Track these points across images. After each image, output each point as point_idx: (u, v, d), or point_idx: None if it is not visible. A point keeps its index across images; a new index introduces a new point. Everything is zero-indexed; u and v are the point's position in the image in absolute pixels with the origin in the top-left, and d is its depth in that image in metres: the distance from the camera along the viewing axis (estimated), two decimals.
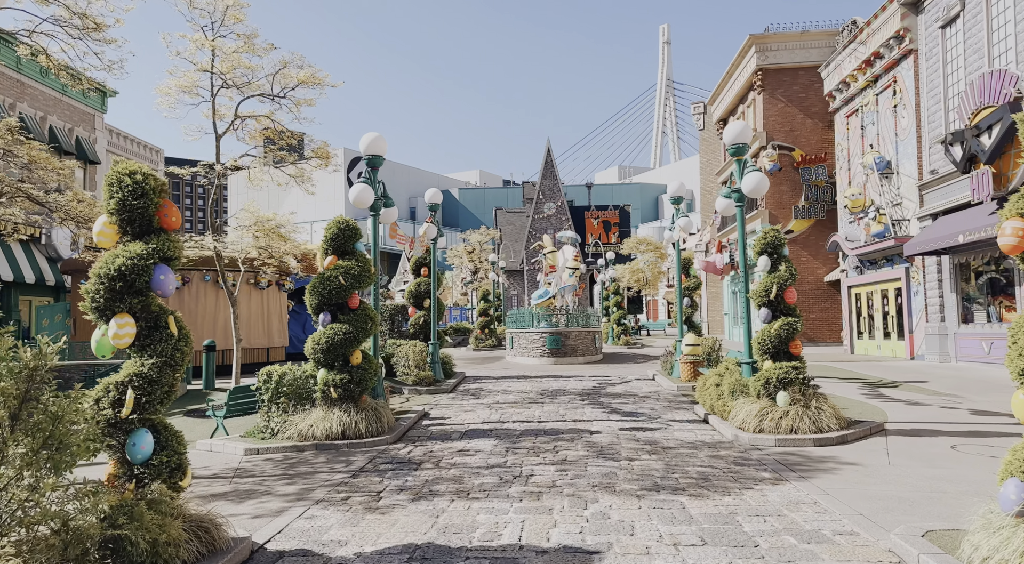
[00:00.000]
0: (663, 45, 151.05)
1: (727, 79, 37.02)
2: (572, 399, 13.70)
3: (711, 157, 45.29)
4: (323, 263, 10.19)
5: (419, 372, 15.60)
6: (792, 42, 31.67)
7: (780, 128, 32.01)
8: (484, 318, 33.98)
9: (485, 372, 19.38)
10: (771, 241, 10.23)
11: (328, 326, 9.94)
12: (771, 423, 9.45)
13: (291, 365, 10.36)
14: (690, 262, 17.77)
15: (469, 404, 13.35)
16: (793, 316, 10.02)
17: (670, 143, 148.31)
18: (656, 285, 58.82)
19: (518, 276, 58.69)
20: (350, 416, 9.65)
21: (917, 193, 21.86)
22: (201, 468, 8.57)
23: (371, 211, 11.28)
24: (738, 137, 11.03)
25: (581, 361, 22.17)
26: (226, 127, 13.36)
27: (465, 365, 21.85)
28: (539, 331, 22.24)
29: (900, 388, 14.91)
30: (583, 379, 17.16)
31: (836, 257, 31.17)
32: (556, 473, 7.67)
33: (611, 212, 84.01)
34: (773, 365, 9.85)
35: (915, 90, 22.01)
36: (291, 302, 27.86)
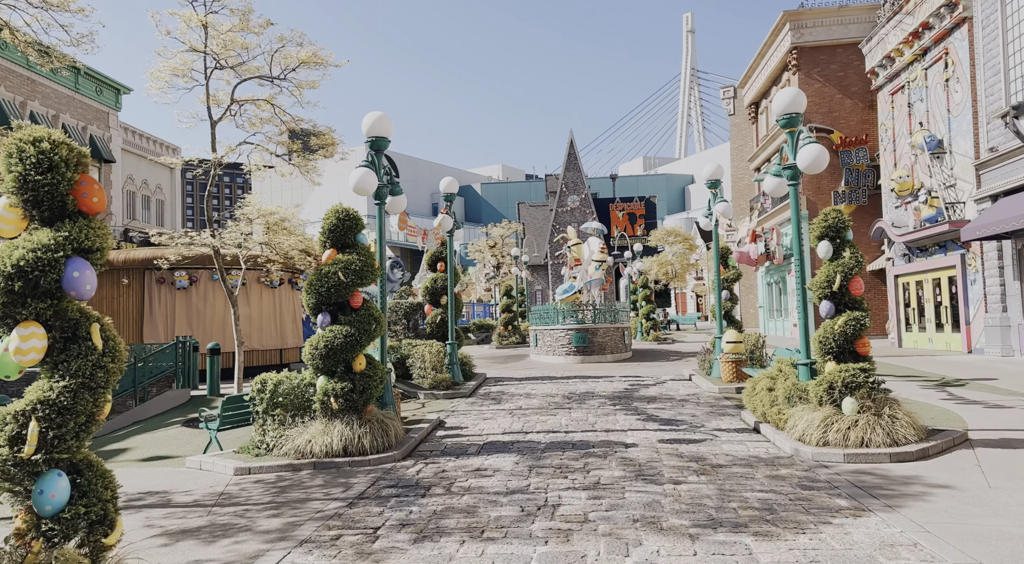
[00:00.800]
0: (687, 34, 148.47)
1: (759, 60, 35.29)
2: (602, 404, 12.45)
3: (742, 143, 43.52)
4: (322, 258, 9.08)
5: (436, 375, 14.47)
6: (829, 18, 29.90)
7: (817, 110, 30.27)
8: (507, 315, 32.80)
9: (507, 373, 18.20)
10: (833, 223, 8.87)
11: (327, 328, 8.83)
12: (837, 435, 8.12)
13: (287, 372, 9.27)
14: (728, 252, 16.37)
15: (489, 410, 12.18)
16: (860, 310, 8.66)
17: (695, 133, 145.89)
18: (684, 278, 57.15)
19: (542, 271, 57.40)
20: (352, 430, 8.53)
21: (973, 173, 20.15)
22: (182, 492, 7.51)
23: (375, 199, 10.14)
24: (790, 106, 9.67)
25: (609, 359, 20.89)
26: (222, 112, 12.33)
27: (487, 365, 20.70)
28: (564, 328, 20.99)
29: (968, 387, 13.41)
30: (613, 380, 15.89)
31: (880, 245, 29.40)
32: (588, 502, 6.45)
33: (636, 204, 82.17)
34: (837, 367, 8.51)
35: (970, 61, 20.27)
36: None
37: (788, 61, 31.07)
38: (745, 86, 39.09)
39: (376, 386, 8.89)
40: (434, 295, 16.22)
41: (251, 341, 18.72)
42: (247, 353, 18.72)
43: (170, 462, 9.50)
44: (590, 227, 23.90)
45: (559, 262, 53.26)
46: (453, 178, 15.21)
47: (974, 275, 20.56)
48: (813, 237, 9.12)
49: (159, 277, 17.98)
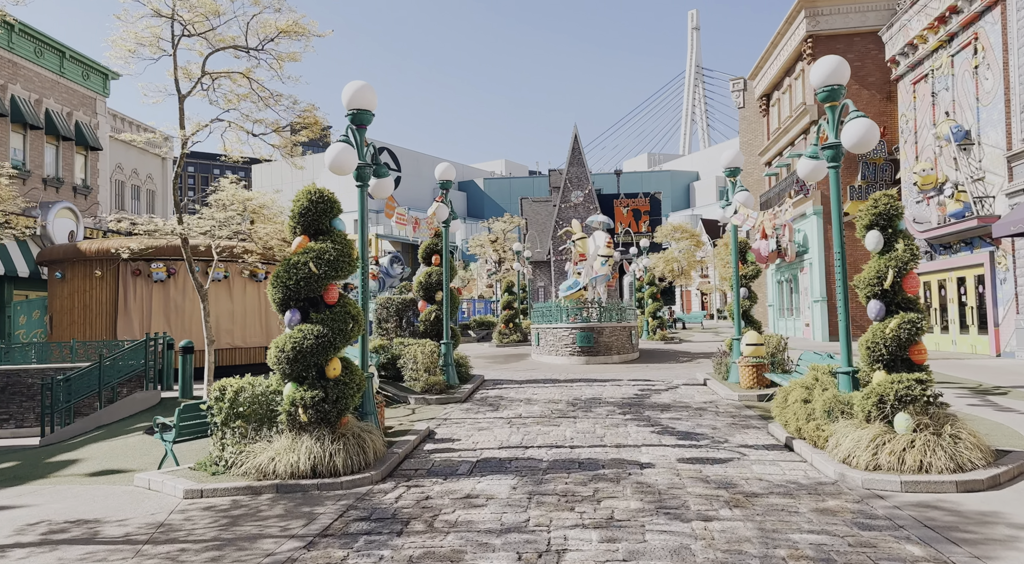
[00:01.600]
0: (692, 31, 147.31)
1: (771, 49, 34.00)
2: (611, 412, 11.24)
3: (752, 137, 42.22)
4: (291, 246, 7.89)
5: (429, 377, 13.28)
6: (846, 5, 28.59)
7: None
8: (508, 312, 31.59)
9: (507, 374, 17.00)
10: (885, 210, 7.65)
11: (296, 328, 7.63)
12: (891, 457, 6.90)
13: (251, 378, 8.07)
14: (748, 246, 15.14)
15: (485, 419, 10.98)
16: (915, 311, 7.44)
17: (699, 130, 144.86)
18: (690, 275, 55.91)
19: (545, 267, 56.18)
20: (323, 446, 7.33)
21: (1005, 165, 18.89)
22: (115, 522, 6.33)
23: (357, 181, 8.93)
24: (831, 77, 8.45)
25: (616, 360, 19.68)
26: (192, 86, 11.13)
27: (485, 365, 19.49)
28: (568, 327, 19.78)
29: (1011, 396, 12.21)
30: (621, 384, 14.69)
31: None
32: (601, 547, 5.25)
33: (641, 200, 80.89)
34: (889, 377, 7.29)
35: (1002, 46, 18.99)
36: None
37: (803, 50, 29.78)
38: (756, 77, 37.79)
39: (353, 394, 7.69)
40: (428, 290, 15.01)
41: (234, 338, 17.56)
42: (229, 352, 17.57)
43: (119, 478, 8.32)
44: (595, 221, 22.68)
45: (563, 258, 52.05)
46: (449, 164, 14.00)
47: (1004, 274, 19.32)
48: (860, 226, 7.90)
49: (135, 269, 16.79)
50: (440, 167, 13.92)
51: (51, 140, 28.19)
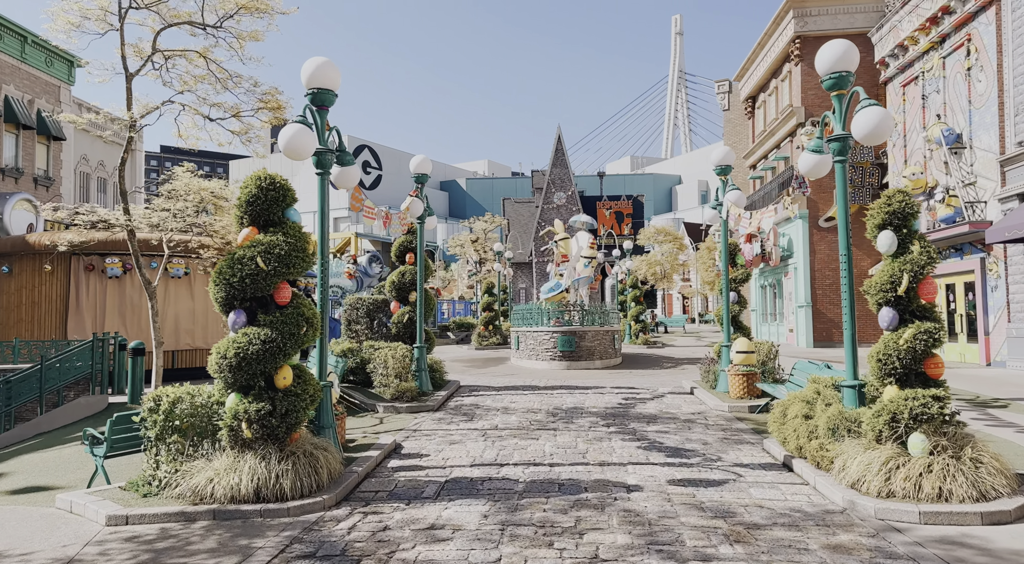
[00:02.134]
0: (675, 36, 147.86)
1: (758, 51, 33.55)
2: (593, 424, 10.46)
3: (737, 140, 41.80)
4: (238, 238, 7.02)
5: (399, 383, 12.41)
6: (835, 6, 28.17)
7: (820, 103, 28.53)
8: (488, 314, 30.78)
9: (484, 380, 16.18)
10: (898, 209, 6.95)
11: (240, 331, 6.75)
12: (906, 483, 6.19)
13: (191, 386, 7.17)
14: (738, 249, 14.46)
15: (458, 430, 10.15)
16: (932, 320, 6.74)
17: (682, 135, 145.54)
18: (672, 278, 55.44)
19: (526, 269, 55.43)
20: (269, 466, 6.46)
21: (998, 170, 18.45)
22: (18, 558, 5.41)
23: (317, 169, 8.06)
24: (839, 62, 7.77)
25: (598, 366, 18.93)
26: (142, 64, 10.18)
27: (462, 370, 18.65)
28: (549, 330, 19.00)
29: (1012, 409, 11.63)
30: (603, 391, 13.92)
31: None
32: None
33: (624, 202, 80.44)
34: (902, 393, 6.58)
35: (997, 48, 18.56)
36: None
37: (790, 51, 29.32)
38: (742, 79, 37.35)
39: (305, 407, 6.82)
40: (401, 291, 14.14)
41: (194, 339, 16.54)
42: (189, 353, 16.56)
43: (42, 498, 7.38)
44: (579, 221, 21.93)
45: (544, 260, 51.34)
46: (425, 157, 13.15)
47: (995, 281, 18.88)
48: (872, 226, 7.19)
49: (87, 264, 15.73)
50: (416, 160, 13.07)
51: (10, 128, 26.86)
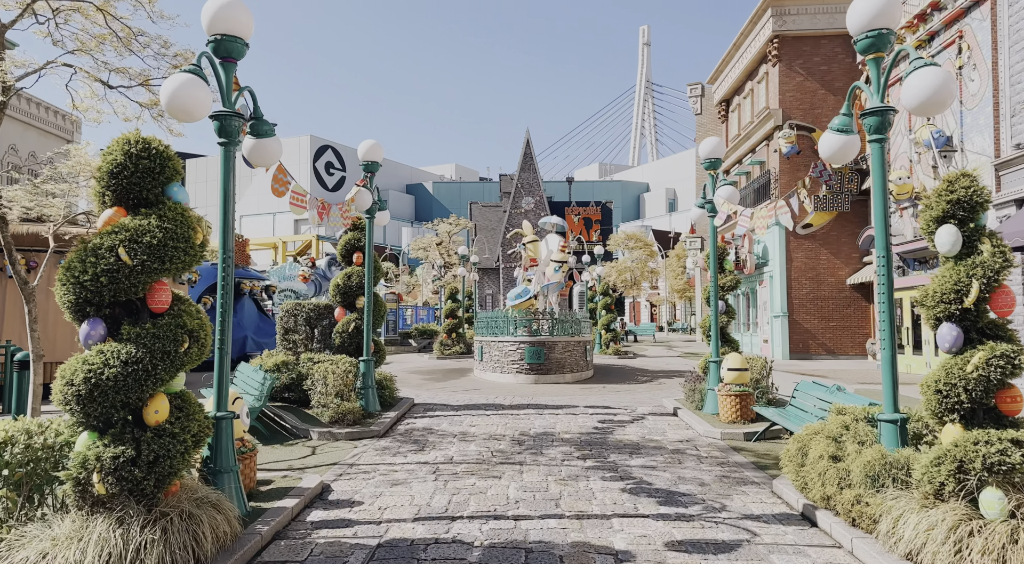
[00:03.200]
0: (643, 46, 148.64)
1: (733, 52, 32.54)
2: (567, 455, 8.84)
3: None
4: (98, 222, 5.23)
5: (341, 403, 10.62)
6: (815, 5, 27.23)
7: (798, 105, 27.56)
8: (451, 321, 29.02)
9: (443, 396, 14.44)
10: (964, 197, 5.47)
11: (95, 347, 4.97)
12: (986, 558, 4.67)
13: (29, 421, 5.33)
14: (725, 253, 13.00)
15: (404, 465, 8.42)
16: (1008, 340, 5.27)
17: (648, 144, 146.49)
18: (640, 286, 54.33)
19: (493, 274, 53.75)
20: (128, 534, 4.67)
21: (992, 174, 17.41)
22: None
23: (221, 138, 6.28)
24: (877, 19, 6.32)
25: (569, 380, 17.35)
26: (19, 13, 8.27)
27: (419, 383, 16.88)
28: (516, 340, 17.35)
29: None
30: (576, 412, 12.31)
31: (862, 256, 26.82)
32: None
33: (593, 208, 79.42)
34: (969, 435, 5.09)
35: (992, 45, 17.56)
36: (210, 298, 22.70)
37: (768, 51, 28.30)
38: (716, 82, 36.35)
39: (184, 452, 5.04)
40: (347, 296, 12.35)
41: None
42: None
43: None
44: (548, 222, 20.38)
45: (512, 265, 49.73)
46: (375, 142, 11.43)
47: None
48: (926, 220, 5.71)
49: None
50: (365, 145, 11.34)
51: None
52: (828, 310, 27.13)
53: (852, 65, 27.22)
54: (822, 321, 27.12)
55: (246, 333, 22.22)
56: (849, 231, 27.17)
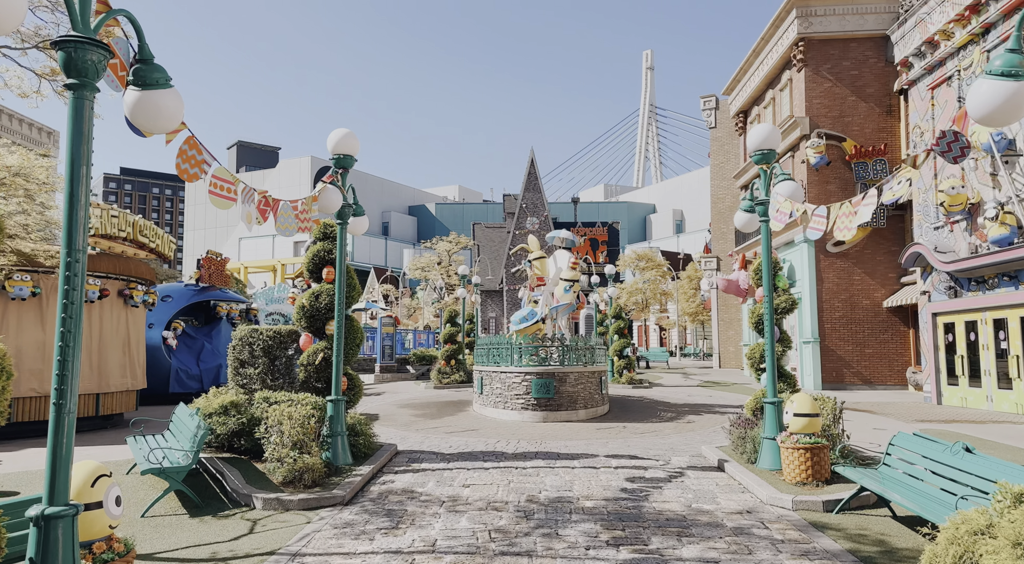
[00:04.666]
0: (646, 70, 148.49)
1: (752, 59, 30.53)
2: (592, 540, 6.46)
3: (724, 159, 38.75)
4: None
5: (298, 458, 8.29)
6: (843, 6, 25.23)
7: (827, 113, 25.44)
8: (450, 346, 26.69)
9: (433, 440, 12.08)
10: None
11: None
12: None
13: None
14: (779, 266, 10.72)
15: (368, 555, 6.06)
16: None
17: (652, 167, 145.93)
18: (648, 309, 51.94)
19: (496, 297, 51.44)
20: None
21: None
22: None
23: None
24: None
25: (582, 417, 14.96)
26: None
27: (407, 422, 14.52)
28: (521, 371, 15.01)
29: None
30: (596, 464, 9.93)
31: (899, 275, 24.49)
32: None
33: (599, 229, 77.27)
34: None
35: None
36: (181, 323, 20.44)
37: (792, 55, 26.26)
38: (732, 93, 34.34)
39: None
40: (314, 319, 10.07)
41: (43, 382, 12.22)
42: (34, 403, 12.22)
43: None
44: (556, 237, 18.14)
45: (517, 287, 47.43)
46: (349, 132, 9.24)
47: None
48: None
49: None
50: (336, 135, 9.15)
51: None
52: (863, 335, 24.72)
53: (884, 69, 25.15)
54: (857, 347, 24.69)
55: (221, 361, 19.93)
56: (884, 249, 24.88)
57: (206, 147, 5.54)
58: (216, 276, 21.92)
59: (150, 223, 14.66)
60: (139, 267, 14.41)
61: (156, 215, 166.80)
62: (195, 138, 5.42)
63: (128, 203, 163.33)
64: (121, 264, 13.86)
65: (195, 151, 5.42)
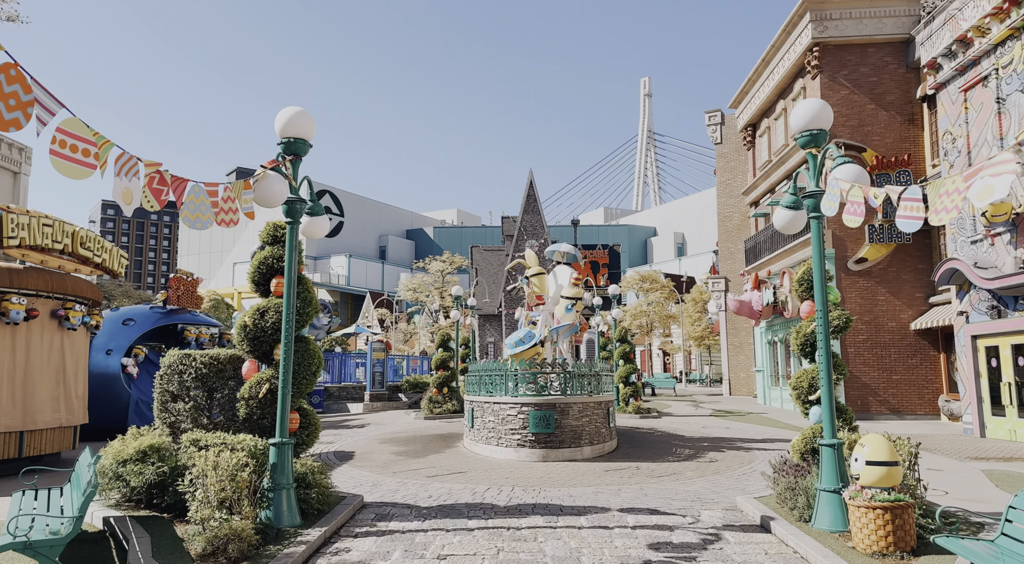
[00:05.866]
0: (644, 97, 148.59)
1: (761, 69, 29.05)
2: None
3: (731, 176, 37.14)
4: None
5: (227, 521, 6.36)
6: (860, 8, 23.77)
7: (846, 122, 23.82)
8: (442, 372, 24.75)
9: (410, 488, 10.11)
10: None
11: None
12: None
13: None
14: (830, 277, 8.86)
15: None
16: None
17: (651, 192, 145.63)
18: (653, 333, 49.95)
19: (495, 321, 49.43)
20: None
21: None
22: None
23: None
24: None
25: (588, 454, 12.99)
26: None
27: (386, 462, 12.55)
28: (516, 402, 13.08)
29: None
30: (609, 522, 7.97)
31: (928, 295, 22.64)
32: None
33: (599, 252, 75.67)
34: None
35: None
36: (143, 349, 18.52)
37: (806, 62, 24.72)
38: (740, 106, 32.84)
39: None
40: (259, 342, 8.19)
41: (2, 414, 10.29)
42: None
43: None
44: (558, 250, 16.31)
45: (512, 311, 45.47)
46: (301, 110, 7.45)
47: None
48: None
49: None
50: (285, 113, 7.36)
51: None
52: (890, 361, 22.78)
53: (905, 75, 23.61)
54: (883, 373, 22.75)
55: None
56: (911, 267, 23.08)
57: (40, 82, 3.72)
58: (186, 297, 20.06)
59: (95, 235, 12.81)
60: (78, 285, 12.56)
61: (154, 242, 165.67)
62: (20, 67, 3.60)
63: (126, 230, 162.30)
64: (55, 281, 12.00)
65: (19, 85, 3.60)
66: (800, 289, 8.79)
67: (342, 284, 78.26)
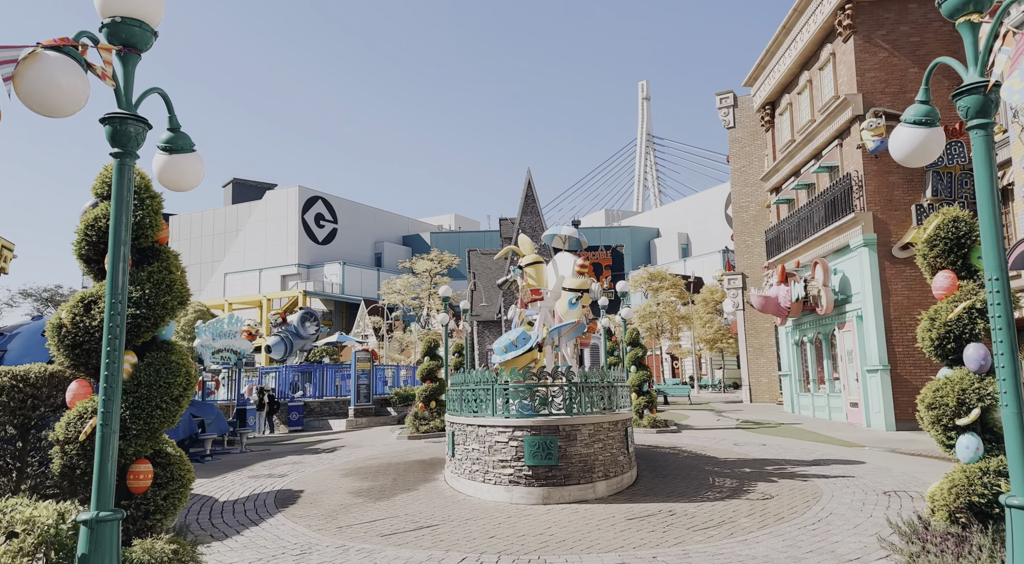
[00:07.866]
0: (642, 101, 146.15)
1: (781, 38, 26.07)
2: None
3: (746, 163, 34.12)
4: None
5: None
6: None
7: (884, 89, 20.84)
8: (429, 384, 21.75)
9: (349, 561, 7.06)
10: None
11: None
12: None
13: None
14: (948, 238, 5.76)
15: None
16: None
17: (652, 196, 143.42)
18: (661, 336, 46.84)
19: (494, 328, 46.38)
20: None
21: None
22: None
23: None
24: None
25: (602, 492, 9.91)
26: None
27: (335, 510, 9.48)
28: (508, 424, 10.01)
29: None
30: None
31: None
32: None
33: (602, 253, 72.43)
34: None
35: None
36: None
37: (836, 23, 21.77)
38: (756, 83, 29.83)
39: None
40: (82, 350, 5.17)
41: None
42: None
43: None
44: (558, 233, 13.25)
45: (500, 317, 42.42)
46: None
47: None
48: None
49: None
50: None
51: None
52: None
53: (952, 33, 20.65)
54: (929, 370, 19.66)
55: None
56: None
57: None
58: None
59: None
60: None
61: None
62: None
63: None
64: None
65: None
66: (932, 253, 5.74)
67: (336, 293, 75.24)
